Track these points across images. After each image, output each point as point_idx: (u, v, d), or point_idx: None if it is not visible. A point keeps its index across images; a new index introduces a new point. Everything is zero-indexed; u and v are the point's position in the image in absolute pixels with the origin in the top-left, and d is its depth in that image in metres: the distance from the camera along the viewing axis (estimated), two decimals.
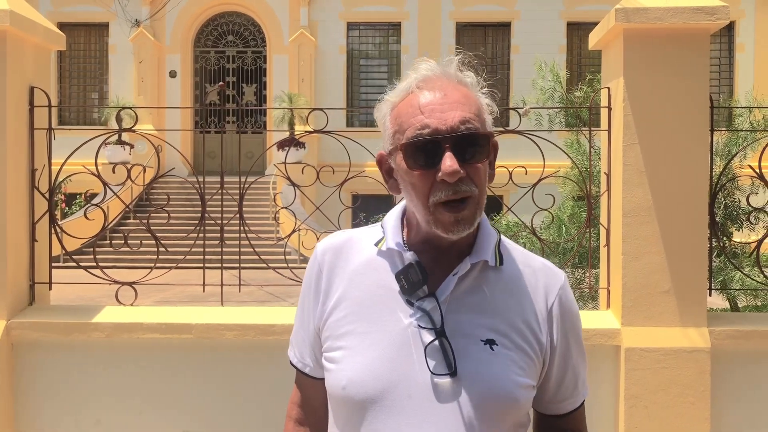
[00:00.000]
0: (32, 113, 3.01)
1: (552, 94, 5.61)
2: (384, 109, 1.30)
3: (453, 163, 1.18)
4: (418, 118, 1.22)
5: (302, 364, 1.41)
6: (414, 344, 1.24)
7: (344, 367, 1.26)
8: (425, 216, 1.23)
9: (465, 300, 1.27)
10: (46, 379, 2.86)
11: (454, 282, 1.26)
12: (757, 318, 3.00)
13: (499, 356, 1.24)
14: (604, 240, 3.04)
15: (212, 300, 7.88)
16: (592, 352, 2.80)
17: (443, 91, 1.23)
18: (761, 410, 2.81)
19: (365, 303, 1.29)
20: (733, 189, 5.16)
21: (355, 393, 1.24)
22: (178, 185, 14.45)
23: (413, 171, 1.22)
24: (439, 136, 1.20)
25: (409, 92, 1.25)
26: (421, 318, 1.24)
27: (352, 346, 1.27)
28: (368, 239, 1.36)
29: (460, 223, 1.21)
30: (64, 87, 19.24)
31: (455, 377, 1.21)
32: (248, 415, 2.82)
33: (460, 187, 1.20)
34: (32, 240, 3.00)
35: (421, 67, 1.27)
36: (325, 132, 3.21)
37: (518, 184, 3.04)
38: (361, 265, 1.33)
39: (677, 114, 2.80)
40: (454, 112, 1.21)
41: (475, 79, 1.29)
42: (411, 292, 1.25)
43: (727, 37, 18.24)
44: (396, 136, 1.25)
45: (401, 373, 1.23)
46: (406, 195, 1.27)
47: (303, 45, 18.44)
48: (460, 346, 1.23)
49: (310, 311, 1.37)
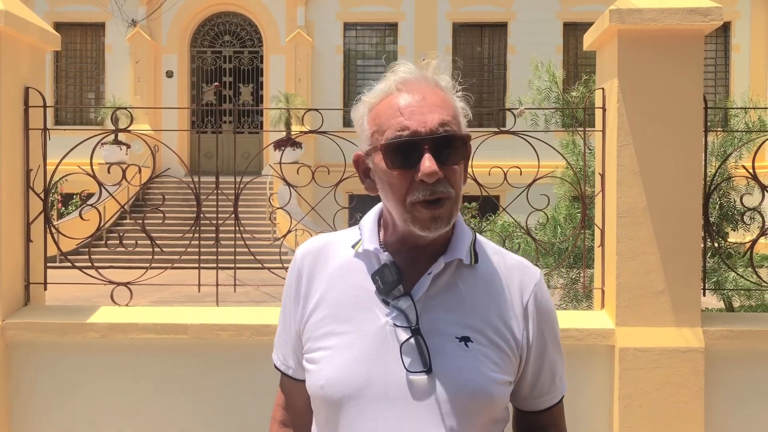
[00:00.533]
0: (27, 113, 3.01)
1: (548, 94, 5.62)
2: (361, 110, 1.32)
3: (432, 164, 1.21)
4: (397, 120, 1.24)
5: (285, 366, 1.43)
6: (390, 343, 1.26)
7: (323, 367, 1.29)
8: (402, 214, 1.25)
9: (440, 298, 1.29)
10: (41, 379, 2.86)
11: (429, 281, 1.29)
12: (750, 318, 3.01)
13: (474, 353, 1.26)
14: (598, 240, 3.05)
15: (208, 300, 7.86)
16: (586, 352, 2.82)
17: (422, 93, 1.26)
18: (755, 409, 2.82)
19: (343, 304, 1.31)
20: (728, 189, 5.17)
21: (333, 392, 1.26)
22: (175, 185, 14.44)
23: (392, 171, 1.24)
24: (419, 138, 1.22)
25: (388, 94, 1.28)
26: (397, 317, 1.26)
27: (330, 347, 1.29)
28: (346, 242, 1.38)
29: (437, 220, 1.24)
30: (60, 87, 19.20)
31: (430, 374, 1.24)
32: (244, 415, 2.82)
33: (437, 187, 1.23)
34: (27, 240, 3.00)
35: (400, 69, 1.29)
36: (321, 132, 3.21)
37: (514, 184, 3.04)
38: (338, 267, 1.35)
39: (671, 114, 2.81)
40: (433, 115, 1.24)
41: (450, 83, 1.32)
42: (387, 292, 1.27)
43: (723, 38, 18.28)
44: (375, 137, 1.28)
45: (377, 372, 1.25)
46: (384, 195, 1.30)
47: (300, 45, 18.43)
48: (435, 344, 1.25)
49: (291, 314, 1.39)
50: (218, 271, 3.10)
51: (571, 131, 5.26)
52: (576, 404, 2.78)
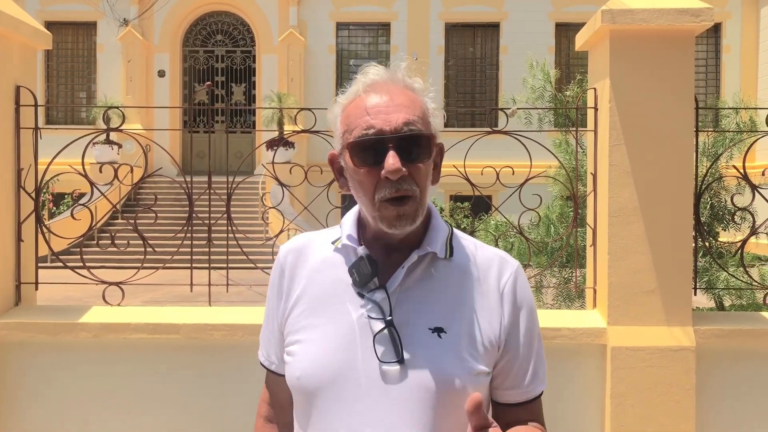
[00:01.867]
0: (18, 112, 3.00)
1: (542, 93, 5.64)
2: (335, 110, 1.37)
3: (395, 161, 1.24)
4: (364, 119, 1.29)
5: (268, 361, 1.47)
6: (364, 334, 1.29)
7: (299, 358, 1.32)
8: (371, 212, 1.30)
9: (414, 291, 1.32)
10: (33, 379, 2.84)
11: (403, 274, 1.32)
12: (741, 317, 3.03)
13: (447, 344, 1.28)
14: (590, 240, 3.06)
15: (200, 300, 7.85)
16: (578, 351, 2.82)
17: (389, 94, 1.30)
18: (745, 408, 2.83)
19: (321, 298, 1.35)
20: (719, 189, 5.20)
21: (307, 383, 1.30)
22: (167, 185, 14.40)
23: (359, 169, 1.29)
24: (383, 136, 1.26)
25: (358, 95, 1.33)
26: (372, 309, 1.29)
27: (306, 339, 1.33)
28: (327, 239, 1.43)
29: (401, 218, 1.27)
30: (51, 86, 19.11)
31: (402, 365, 1.26)
32: (236, 414, 2.82)
33: (401, 185, 1.26)
34: (18, 240, 2.98)
35: (370, 71, 1.34)
36: (313, 132, 3.21)
37: (506, 184, 3.05)
38: (318, 262, 1.39)
39: (663, 115, 2.83)
40: (398, 114, 1.28)
41: (422, 85, 1.35)
42: (362, 285, 1.30)
43: (714, 38, 18.37)
44: (345, 136, 1.33)
45: (351, 362, 1.28)
46: (354, 192, 1.34)
47: (292, 45, 18.41)
48: (408, 335, 1.28)
49: (274, 310, 1.43)
50: (210, 270, 3.09)
51: (563, 131, 5.28)
52: (568, 403, 2.79)
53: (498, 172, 3.05)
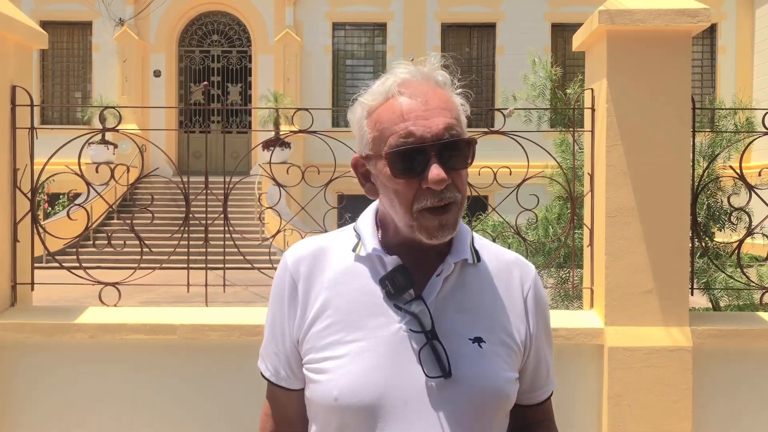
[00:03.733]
0: (14, 112, 2.99)
1: (542, 90, 5.63)
2: (359, 112, 1.27)
3: (440, 171, 1.17)
4: (401, 126, 1.19)
5: (276, 377, 1.37)
6: (405, 348, 1.22)
7: (334, 377, 1.23)
8: (408, 222, 1.22)
9: (450, 300, 1.27)
10: (29, 380, 2.83)
11: (440, 283, 1.26)
12: (738, 317, 3.03)
13: (488, 353, 1.25)
14: (587, 240, 3.06)
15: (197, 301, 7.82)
16: (575, 352, 2.82)
17: (424, 96, 1.21)
18: (742, 408, 2.84)
19: (350, 311, 1.26)
20: (715, 190, 5.21)
21: (349, 402, 1.22)
22: (163, 185, 14.37)
23: (398, 179, 1.20)
24: (425, 144, 1.18)
25: (389, 97, 1.23)
26: (410, 321, 1.23)
27: (341, 355, 1.24)
28: (343, 245, 1.33)
29: (444, 228, 1.21)
30: (47, 86, 19.06)
31: (449, 379, 1.21)
32: (233, 414, 2.81)
33: (445, 194, 1.19)
34: (14, 240, 2.97)
35: (399, 70, 1.24)
36: (310, 132, 3.20)
37: (504, 184, 3.05)
38: (339, 272, 1.30)
39: (660, 115, 2.83)
40: (438, 119, 1.20)
41: (448, 79, 1.28)
42: (397, 297, 1.24)
43: (710, 39, 18.42)
44: (377, 143, 1.23)
45: (395, 379, 1.22)
46: (387, 201, 1.25)
47: (288, 45, 18.40)
48: (451, 347, 1.23)
49: (285, 324, 1.33)
50: (207, 271, 3.09)
51: (561, 131, 5.28)
52: (565, 403, 2.79)
53: (495, 173, 3.05)
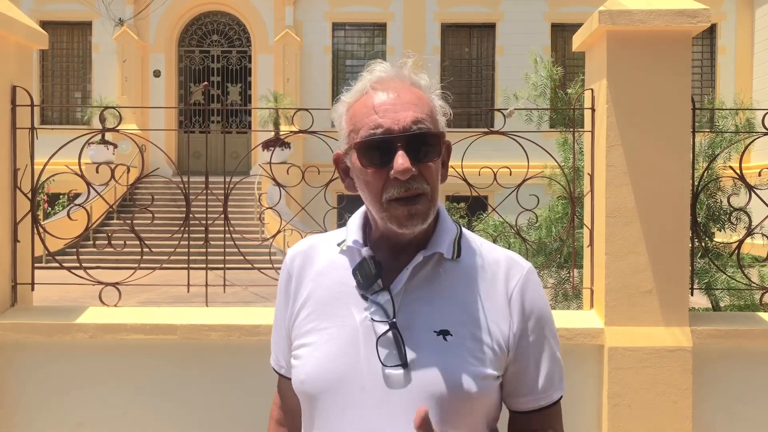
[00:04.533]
0: (14, 112, 2.99)
1: (544, 90, 5.63)
2: (340, 109, 1.33)
3: (405, 161, 1.21)
4: (371, 118, 1.25)
5: (278, 366, 1.47)
6: (367, 337, 1.26)
7: (304, 362, 1.31)
8: (379, 212, 1.26)
9: (419, 292, 1.29)
10: (28, 380, 2.83)
11: (407, 275, 1.28)
12: (738, 317, 3.04)
13: (453, 347, 1.25)
14: (587, 240, 3.06)
15: (196, 301, 7.82)
16: (575, 352, 2.83)
17: (396, 92, 1.26)
18: (742, 408, 2.84)
19: (326, 301, 1.33)
20: (715, 190, 5.21)
21: (311, 387, 1.28)
22: (163, 185, 14.37)
23: (367, 169, 1.25)
24: (392, 135, 1.23)
25: (364, 93, 1.29)
26: (376, 311, 1.26)
27: (311, 343, 1.31)
28: (332, 241, 1.41)
29: (413, 217, 1.24)
30: (46, 86, 19.06)
31: (406, 368, 1.23)
32: (233, 415, 2.81)
33: (411, 184, 1.23)
34: (14, 240, 2.97)
35: (376, 68, 1.30)
36: (311, 132, 3.20)
37: (504, 184, 3.05)
38: (324, 265, 1.37)
39: (660, 115, 2.83)
40: (406, 113, 1.24)
41: (429, 82, 1.32)
42: (366, 287, 1.28)
43: (709, 40, 18.43)
44: (351, 136, 1.28)
45: (354, 366, 1.25)
46: (361, 193, 1.30)
47: (288, 45, 18.40)
48: (412, 338, 1.24)
49: (282, 315, 1.42)
50: (207, 271, 3.09)
51: (561, 131, 5.28)
52: (565, 404, 2.78)
53: (495, 173, 3.05)
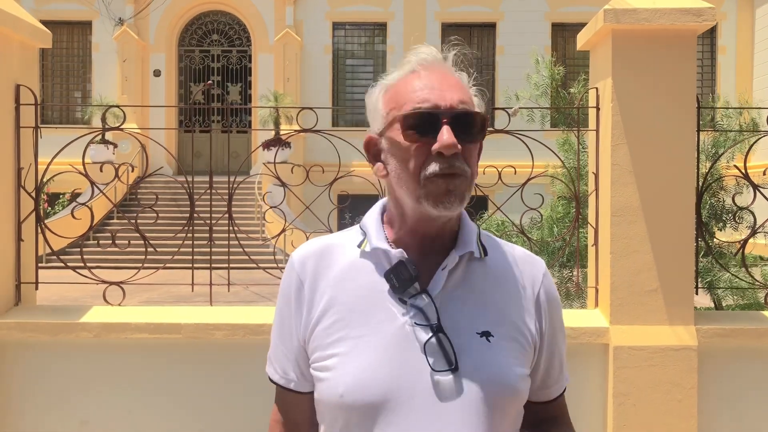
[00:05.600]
0: (18, 111, 2.98)
1: (545, 90, 5.63)
2: (377, 92, 1.31)
3: (450, 136, 1.19)
4: (417, 93, 1.23)
5: (285, 380, 1.35)
6: (410, 343, 1.21)
7: (340, 373, 1.22)
8: (415, 190, 1.21)
9: (456, 293, 1.26)
10: (33, 379, 2.83)
11: (445, 276, 1.25)
12: (743, 316, 3.04)
13: (496, 348, 1.24)
14: (592, 239, 3.06)
15: (198, 300, 7.84)
16: (580, 351, 2.82)
17: (442, 75, 1.26)
18: (747, 407, 2.84)
19: (354, 307, 1.25)
20: (717, 189, 5.21)
21: (355, 399, 1.20)
22: (163, 185, 14.36)
23: (409, 143, 1.22)
24: (438, 111, 1.21)
25: (409, 72, 1.28)
26: (416, 315, 1.22)
27: (347, 352, 1.23)
28: (349, 242, 1.33)
29: (451, 193, 1.20)
30: (46, 85, 19.06)
31: (456, 372, 1.20)
32: (238, 414, 2.81)
33: (454, 162, 1.20)
34: (18, 239, 2.97)
35: (422, 50, 1.29)
36: (315, 131, 3.20)
37: (507, 183, 3.05)
38: (344, 269, 1.29)
39: (664, 114, 2.83)
40: (452, 92, 1.24)
41: (467, 78, 1.32)
42: (402, 291, 1.23)
43: (710, 39, 18.43)
44: (392, 113, 1.26)
45: (401, 374, 1.20)
46: (396, 174, 1.25)
47: (288, 44, 18.39)
48: (458, 340, 1.21)
49: (292, 324, 1.32)
50: (211, 270, 3.08)
51: (565, 130, 5.28)
52: (570, 403, 2.77)
53: (500, 172, 3.05)
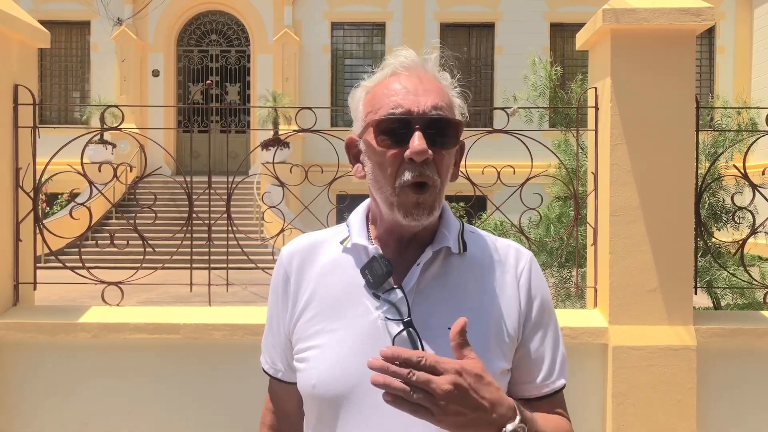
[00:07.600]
0: (16, 111, 2.98)
1: (543, 90, 5.63)
2: (358, 94, 1.31)
3: (422, 142, 1.19)
4: (392, 99, 1.23)
5: (274, 369, 1.40)
6: (382, 337, 1.23)
7: (314, 365, 1.26)
8: (389, 197, 1.23)
9: (431, 289, 1.27)
10: (31, 380, 2.82)
11: (418, 272, 1.26)
12: (742, 316, 3.04)
13: (470, 344, 1.20)
14: (591, 239, 3.06)
15: (196, 300, 7.82)
16: (580, 351, 2.82)
17: (419, 78, 1.26)
18: (746, 406, 2.84)
19: (333, 301, 1.28)
20: (716, 189, 5.21)
21: (325, 391, 1.24)
22: (162, 185, 14.34)
23: (382, 149, 1.23)
24: (411, 117, 1.21)
25: (387, 76, 1.28)
26: (388, 310, 1.23)
27: (322, 345, 1.26)
28: (334, 239, 1.36)
29: (420, 206, 1.21)
30: (45, 85, 19.04)
31: None
32: (236, 414, 2.81)
33: (424, 170, 1.21)
34: (16, 240, 2.96)
35: (401, 53, 1.29)
36: (314, 131, 3.20)
37: (506, 183, 3.05)
38: (327, 264, 1.33)
39: (663, 114, 2.83)
40: (427, 97, 1.23)
41: (449, 79, 1.31)
42: (377, 286, 1.24)
43: (708, 39, 18.44)
44: (368, 116, 1.27)
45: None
46: (373, 177, 1.27)
47: (287, 44, 18.39)
48: (429, 335, 1.22)
49: (279, 317, 1.36)
50: (210, 270, 3.08)
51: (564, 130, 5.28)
52: (569, 403, 2.78)
53: (499, 172, 3.05)
